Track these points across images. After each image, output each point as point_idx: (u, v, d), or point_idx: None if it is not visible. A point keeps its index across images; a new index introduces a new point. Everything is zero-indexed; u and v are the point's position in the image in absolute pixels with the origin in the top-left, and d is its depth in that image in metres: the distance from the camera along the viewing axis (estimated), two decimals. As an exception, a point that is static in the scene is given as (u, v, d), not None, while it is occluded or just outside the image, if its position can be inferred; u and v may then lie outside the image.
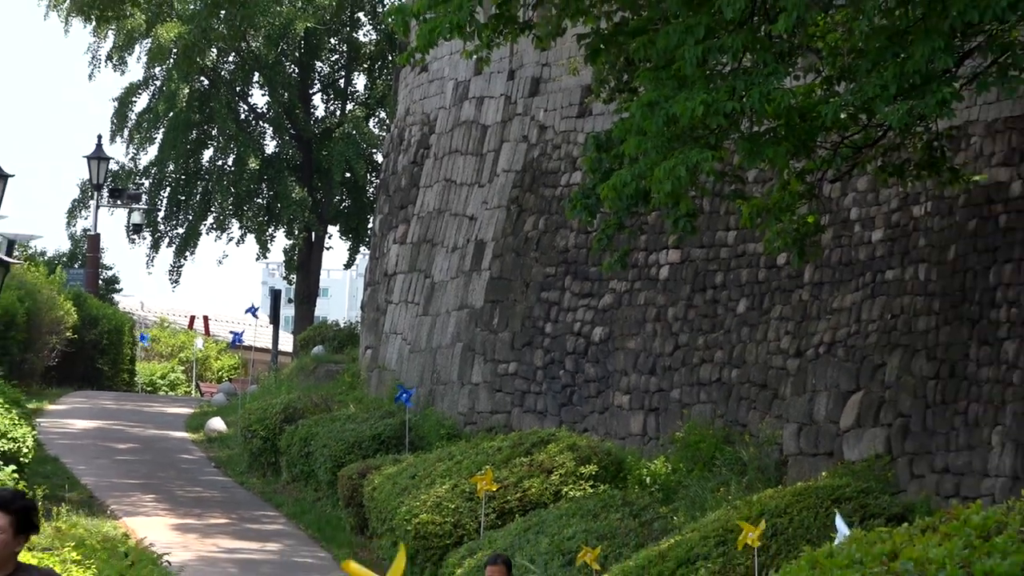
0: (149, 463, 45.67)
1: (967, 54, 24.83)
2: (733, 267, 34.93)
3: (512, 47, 32.83)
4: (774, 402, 32.83)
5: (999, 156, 29.16)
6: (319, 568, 35.09)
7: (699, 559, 25.10)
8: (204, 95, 71.41)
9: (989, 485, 27.14)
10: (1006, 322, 28.22)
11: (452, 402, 41.53)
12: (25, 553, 24.27)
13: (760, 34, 25.30)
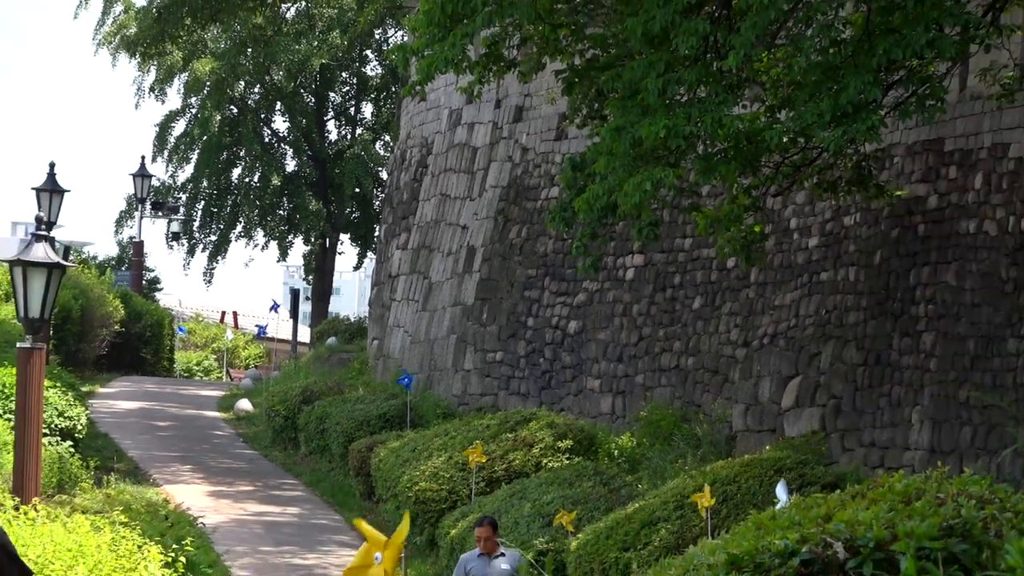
0: (186, 438, 45.65)
1: (891, 86, 24.85)
2: (689, 269, 34.96)
3: (499, 81, 32.82)
4: (724, 386, 32.86)
5: (918, 174, 29.22)
6: (333, 529, 35.08)
7: (660, 521, 25.12)
8: (233, 121, 71.29)
9: (909, 457, 27.20)
10: (924, 317, 28.29)
11: (447, 386, 41.52)
12: (79, 516, 24.34)
13: (712, 69, 25.31)
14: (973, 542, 10.75)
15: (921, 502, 11.52)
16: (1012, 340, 26.22)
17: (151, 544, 22.84)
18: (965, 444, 26.50)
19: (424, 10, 26.74)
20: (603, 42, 27.96)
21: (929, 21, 24.08)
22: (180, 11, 52.10)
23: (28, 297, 26.59)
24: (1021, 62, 27.38)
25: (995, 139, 27.78)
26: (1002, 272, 26.80)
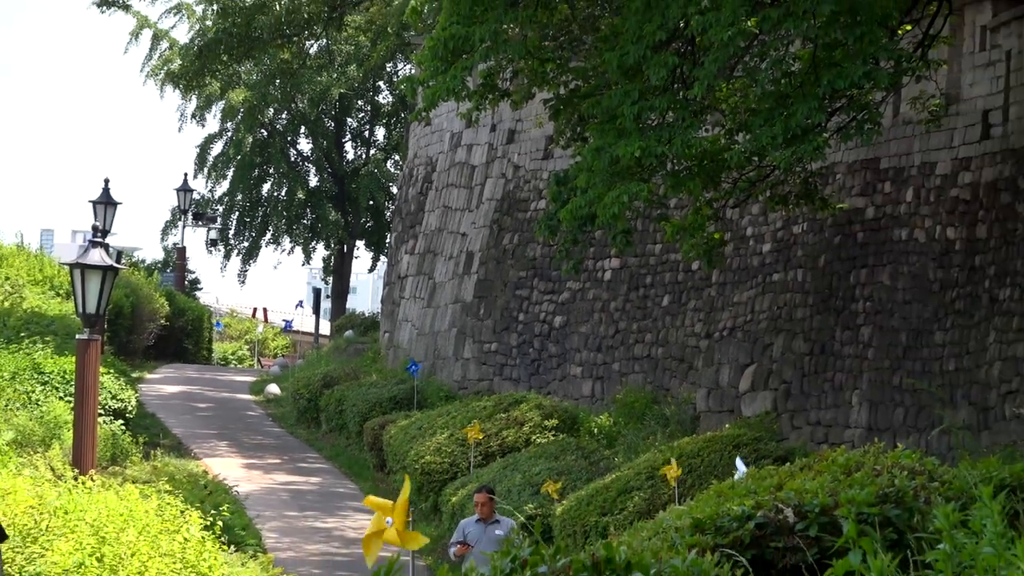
0: (222, 418, 45.61)
1: (834, 112, 24.84)
2: (659, 271, 34.95)
3: (494, 108, 32.83)
4: (689, 372, 32.87)
5: (857, 188, 29.20)
6: (349, 496, 35.04)
7: (633, 489, 25.11)
8: (263, 143, 71.21)
9: (850, 435, 27.20)
10: (862, 312, 28.29)
11: (449, 372, 41.49)
12: (129, 486, 24.32)
13: (679, 97, 25.28)
14: (905, 508, 10.75)
15: (860, 473, 11.52)
16: (939, 333, 26.23)
17: (192, 509, 22.82)
18: (898, 423, 26.50)
19: (429, 47, 26.74)
20: (584, 74, 27.96)
21: (867, 56, 24.08)
22: (218, 48, 52.10)
23: (86, 295, 26.62)
24: (946, 92, 27.37)
25: (924, 158, 27.78)
26: (930, 274, 26.80)
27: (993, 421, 24.27)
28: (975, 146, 26.62)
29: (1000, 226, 25.45)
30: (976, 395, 24.87)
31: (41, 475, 24.64)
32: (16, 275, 47.33)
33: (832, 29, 24.36)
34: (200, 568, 20.50)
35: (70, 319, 39.94)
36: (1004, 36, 26.34)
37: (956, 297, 26.05)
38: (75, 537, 19.61)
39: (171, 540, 20.67)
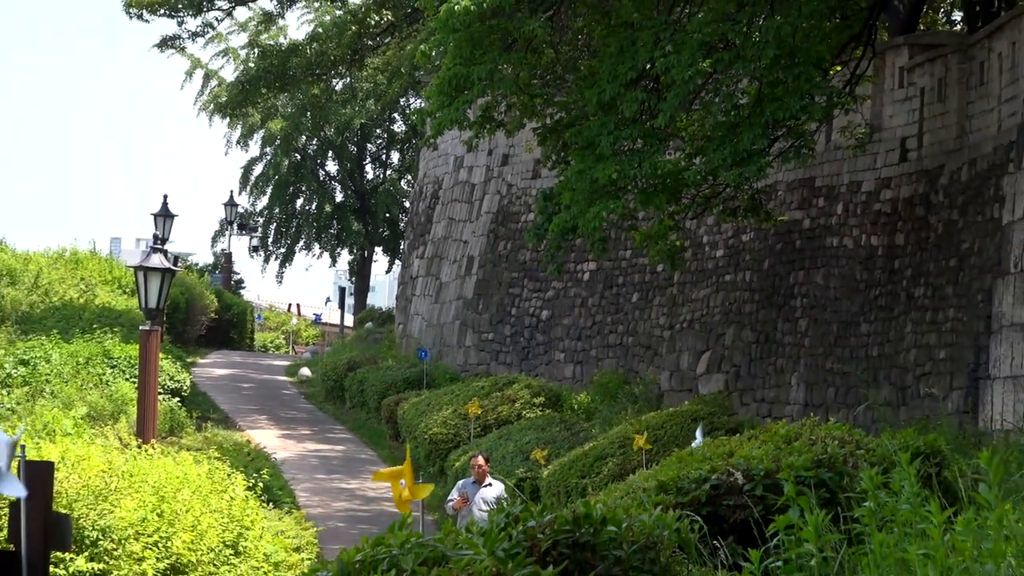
0: (262, 396, 45.58)
1: (775, 139, 24.84)
2: (629, 273, 34.95)
3: (491, 136, 32.84)
4: (655, 357, 32.87)
5: (795, 203, 29.21)
6: (369, 461, 35.01)
7: (607, 456, 25.09)
8: (297, 165, 71.21)
9: (789, 410, 27.20)
10: (799, 307, 28.31)
11: (453, 358, 41.46)
12: (184, 453, 24.32)
13: (647, 127, 25.29)
14: (836, 472, 10.74)
15: (798, 443, 11.51)
16: (864, 325, 26.24)
17: (237, 473, 22.81)
18: (830, 400, 26.50)
19: (436, 84, 26.72)
20: (567, 107, 27.93)
21: (803, 92, 24.09)
22: (258, 85, 52.07)
23: (148, 293, 26.59)
24: (870, 122, 27.38)
25: (851, 178, 27.79)
26: (856, 275, 26.81)
27: (909, 399, 24.28)
28: (894, 168, 26.63)
29: (915, 235, 25.47)
30: (895, 377, 24.88)
31: (110, 444, 24.63)
32: (90, 276, 47.32)
33: (774, 70, 24.38)
34: (244, 522, 20.50)
35: (135, 313, 39.92)
36: (918, 76, 26.35)
37: (878, 295, 26.07)
38: (139, 496, 19.60)
39: (220, 499, 20.66)
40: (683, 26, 25.83)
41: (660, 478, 11.17)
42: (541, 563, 6.22)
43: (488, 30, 25.96)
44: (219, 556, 19.63)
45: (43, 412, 30.04)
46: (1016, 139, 22.19)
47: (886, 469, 9.42)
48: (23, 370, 33.98)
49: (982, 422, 21.52)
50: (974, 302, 22.93)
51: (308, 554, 22.35)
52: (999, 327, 21.77)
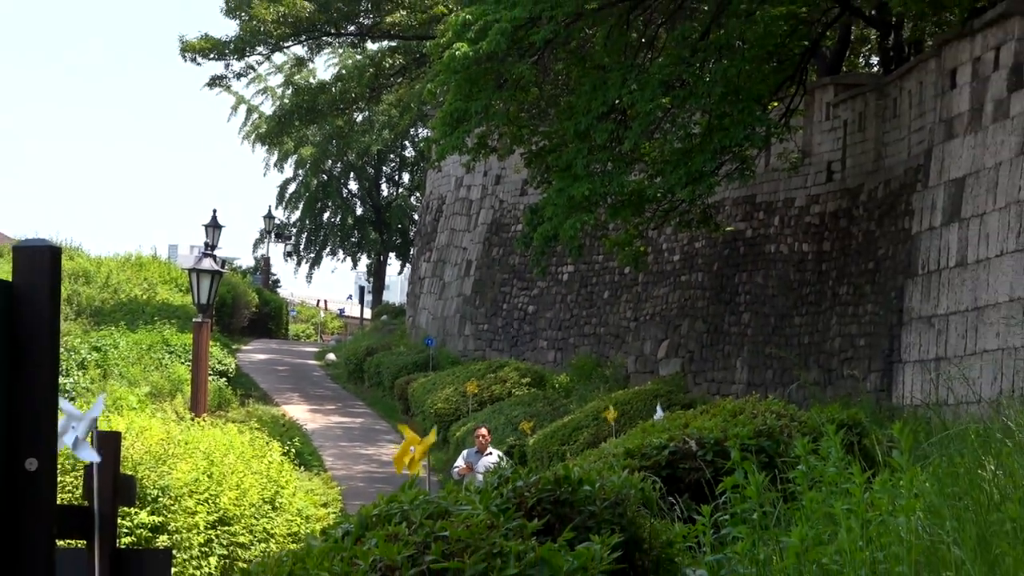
0: (294, 376, 45.60)
1: (723, 163, 24.89)
2: (601, 274, 34.97)
3: (485, 159, 32.86)
4: (622, 345, 32.89)
5: (739, 216, 29.23)
6: (384, 431, 35.03)
7: (583, 427, 25.10)
8: (324, 184, 71.23)
9: (735, 388, 27.21)
10: (743, 303, 28.33)
11: (454, 345, 41.48)
12: (230, 424, 24.32)
13: (616, 152, 25.31)
14: (774, 440, 10.75)
15: (742, 416, 11.51)
16: (796, 317, 26.26)
17: (274, 441, 22.82)
18: (769, 380, 26.53)
19: (440, 117, 26.74)
20: (549, 136, 27.98)
21: (746, 124, 24.11)
22: (292, 118, 52.11)
23: (199, 291, 26.57)
24: (802, 148, 27.40)
25: (786, 195, 27.81)
26: (790, 276, 26.84)
27: (834, 379, 24.31)
28: (822, 186, 26.66)
29: (839, 243, 25.50)
30: (822, 361, 24.90)
31: (168, 417, 24.61)
32: (151, 277, 47.31)
33: (722, 105, 24.40)
34: (280, 482, 20.50)
35: (189, 308, 39.90)
36: (842, 110, 26.39)
37: (809, 292, 26.10)
38: (192, 460, 19.58)
39: (259, 462, 20.66)
40: (646, 68, 25.84)
41: (627, 446, 11.16)
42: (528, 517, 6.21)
43: (483, 72, 25.98)
44: (259, 510, 19.63)
45: (112, 390, 30.06)
46: (923, 163, 22.23)
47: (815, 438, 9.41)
48: (96, 355, 34.00)
49: (895, 399, 21.55)
50: (888, 299, 22.97)
51: (333, 509, 22.35)
52: (909, 319, 21.80)
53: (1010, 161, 19.31)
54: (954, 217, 20.73)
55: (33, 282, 6.28)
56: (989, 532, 4.95)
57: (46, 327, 6.22)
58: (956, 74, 21.34)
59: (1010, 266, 18.84)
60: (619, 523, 6.57)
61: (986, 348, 19.09)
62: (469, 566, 4.88)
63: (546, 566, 4.90)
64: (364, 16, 47.87)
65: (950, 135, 21.30)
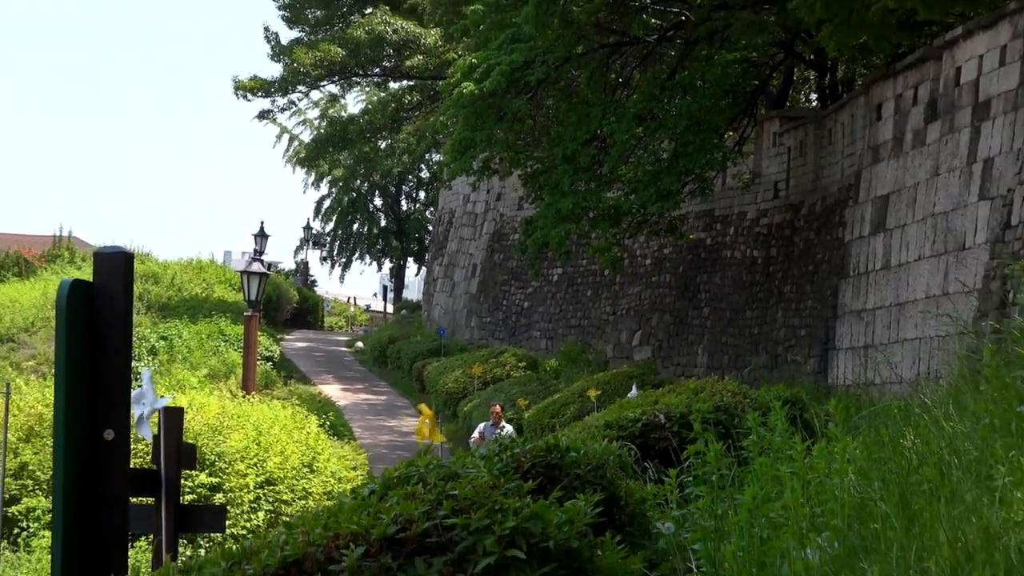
0: (329, 361, 45.55)
1: (687, 183, 24.89)
2: (585, 275, 34.94)
3: (488, 179, 32.93)
4: (603, 334, 32.87)
5: (700, 227, 29.21)
6: (404, 407, 34.98)
7: (569, 403, 25.07)
8: (354, 200, 71.09)
9: (696, 371, 27.20)
10: (704, 300, 28.31)
11: (462, 335, 41.47)
12: (275, 401, 24.33)
13: (597, 173, 25.31)
14: (730, 414, 10.74)
15: (703, 394, 11.49)
16: (748, 312, 26.25)
17: (311, 415, 22.81)
18: (725, 364, 26.52)
19: (450, 144, 26.80)
20: (541, 160, 27.99)
21: (706, 150, 24.14)
22: (326, 145, 52.19)
23: (249, 289, 26.55)
24: (753, 171, 27.41)
25: (739, 209, 27.81)
26: (743, 277, 26.83)
27: (780, 364, 24.31)
28: (770, 202, 26.66)
29: (784, 249, 25.49)
30: (770, 348, 24.91)
31: (223, 395, 24.61)
32: (209, 278, 47.29)
33: (686, 134, 24.43)
34: (316, 449, 20.49)
35: (241, 304, 39.87)
36: (786, 138, 26.38)
37: (758, 291, 26.09)
38: (243, 431, 19.59)
39: (299, 433, 20.67)
40: (622, 103, 25.87)
41: (607, 419, 11.15)
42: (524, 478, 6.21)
43: (486, 107, 26.00)
44: (299, 472, 19.63)
45: (177, 372, 30.06)
46: (854, 182, 22.23)
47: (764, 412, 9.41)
48: (163, 343, 34.00)
49: (830, 380, 21.57)
50: (825, 296, 22.97)
51: (361, 472, 22.36)
52: (842, 313, 21.80)
53: (926, 181, 19.32)
54: (880, 228, 20.75)
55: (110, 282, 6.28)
56: (909, 491, 4.95)
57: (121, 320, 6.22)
58: (881, 108, 21.35)
59: (926, 269, 18.86)
60: (600, 484, 6.57)
61: (906, 337, 19.11)
62: (475, 520, 4.88)
63: (539, 519, 4.90)
64: (387, 60, 47.88)
65: (876, 159, 21.31)
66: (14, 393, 20.10)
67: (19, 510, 17.90)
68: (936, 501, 4.66)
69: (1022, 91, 17.03)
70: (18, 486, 18.16)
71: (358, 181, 71.21)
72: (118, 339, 6.17)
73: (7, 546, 17.31)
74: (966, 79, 18.50)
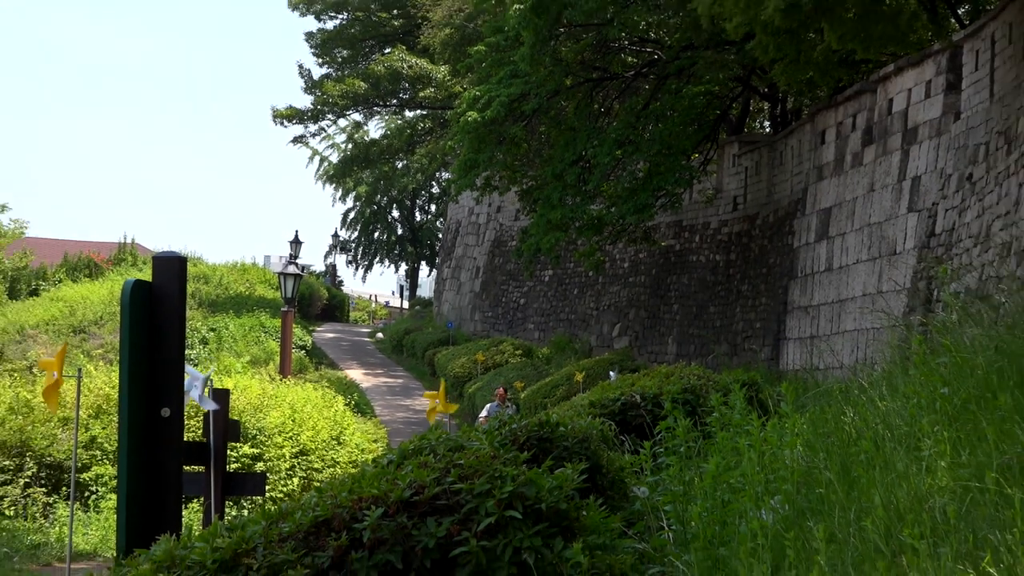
0: (354, 349, 45.46)
1: (659, 197, 24.88)
2: (573, 276, 34.89)
3: (490, 194, 32.96)
4: (587, 327, 32.82)
5: (671, 235, 29.17)
6: (417, 388, 34.85)
7: (559, 385, 25.01)
8: (375, 212, 70.96)
9: (667, 358, 27.16)
10: (674, 298, 28.27)
11: (467, 327, 41.41)
12: (308, 384, 24.30)
13: (582, 189, 25.29)
14: (696, 395, 10.72)
15: (673, 377, 11.47)
16: (711, 307, 26.22)
17: (339, 395, 22.78)
18: (692, 352, 26.50)
19: (457, 164, 26.75)
20: (535, 178, 27.96)
21: (676, 170, 24.11)
22: (351, 165, 52.13)
23: (285, 288, 26.51)
24: (716, 187, 27.39)
25: (704, 220, 27.78)
26: (707, 278, 26.80)
27: (738, 352, 24.30)
28: (730, 214, 26.64)
29: (742, 254, 25.48)
30: (730, 339, 24.90)
31: (263, 378, 24.57)
32: (251, 278, 47.21)
33: (658, 156, 24.42)
34: (343, 424, 20.46)
35: (278, 300, 39.89)
36: (744, 160, 26.37)
37: (720, 290, 26.07)
38: (280, 409, 19.56)
39: (328, 410, 20.64)
40: (604, 130, 25.84)
41: (591, 399, 11.15)
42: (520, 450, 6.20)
43: (488, 132, 25.97)
44: (328, 444, 19.61)
45: (224, 359, 30.00)
46: (801, 197, 22.23)
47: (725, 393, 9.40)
48: (212, 334, 33.95)
49: (782, 365, 21.56)
50: (777, 294, 22.96)
51: (381, 444, 22.34)
52: (791, 309, 21.80)
53: (863, 196, 19.33)
54: (823, 236, 20.75)
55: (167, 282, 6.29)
56: (849, 461, 4.95)
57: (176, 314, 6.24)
58: (825, 134, 21.35)
59: (863, 271, 18.86)
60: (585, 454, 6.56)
61: (846, 329, 19.11)
62: (477, 486, 4.88)
63: (533, 485, 4.89)
64: (403, 92, 47.85)
65: (820, 177, 21.32)
66: (85, 377, 20.08)
67: (89, 476, 17.91)
68: (872, 469, 4.66)
69: (944, 119, 17.06)
70: (88, 456, 18.17)
71: (379, 196, 71.11)
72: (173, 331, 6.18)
73: (79, 507, 17.32)
74: (897, 109, 18.53)
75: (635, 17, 25.80)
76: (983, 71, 15.79)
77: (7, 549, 15.17)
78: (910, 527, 3.50)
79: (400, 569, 4.62)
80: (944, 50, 17.16)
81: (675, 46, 25.02)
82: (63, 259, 47.08)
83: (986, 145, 15.34)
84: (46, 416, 18.25)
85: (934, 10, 19.14)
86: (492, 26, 26.46)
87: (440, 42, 37.86)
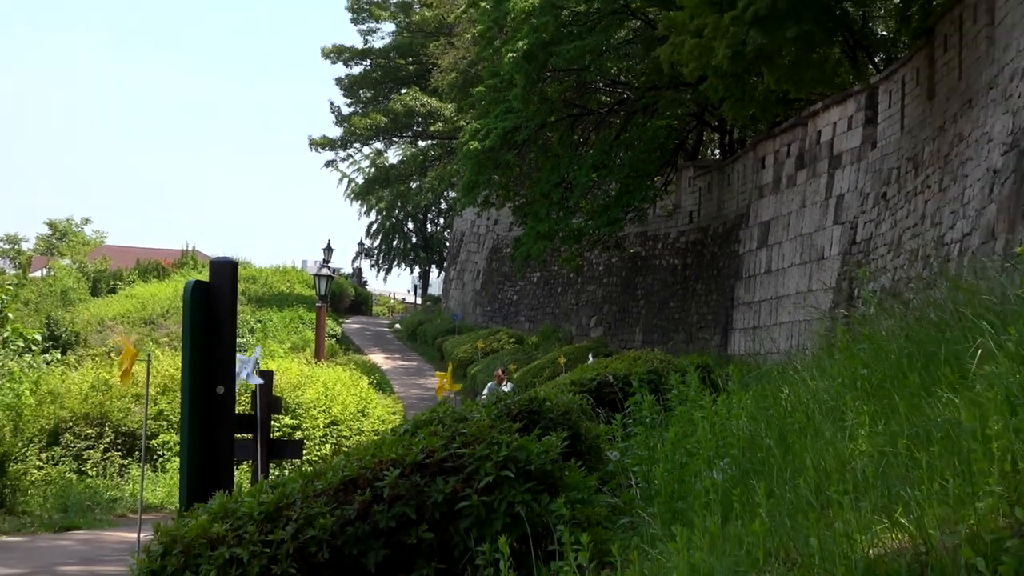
0: (375, 337, 45.37)
1: (628, 212, 24.85)
2: (557, 277, 34.82)
3: (488, 210, 32.86)
4: (569, 319, 32.74)
5: (638, 243, 29.10)
6: (429, 370, 34.72)
7: (545, 368, 24.84)
8: (394, 224, 70.82)
9: (635, 345, 27.09)
10: (640, 295, 28.21)
11: (470, 319, 41.27)
12: (338, 366, 24.22)
13: (565, 205, 25.23)
14: (659, 375, 10.72)
15: (639, 361, 11.45)
16: (672, 303, 26.18)
17: (363, 376, 22.73)
18: (655, 340, 26.46)
19: (461, 185, 26.69)
20: (526, 196, 27.89)
21: (642, 190, 24.07)
22: (374, 185, 52.00)
23: (319, 287, 26.43)
24: (675, 204, 27.35)
25: (665, 231, 27.74)
26: (668, 279, 26.76)
27: (694, 340, 24.27)
28: (687, 226, 26.62)
29: (697, 259, 25.46)
30: (686, 329, 24.88)
31: (301, 361, 24.51)
32: (291, 279, 47.23)
33: (627, 179, 24.38)
34: (367, 400, 20.43)
35: (313, 297, 39.85)
36: (698, 181, 26.34)
37: (679, 288, 26.05)
38: (315, 387, 19.53)
39: (355, 388, 20.60)
40: (583, 156, 25.81)
41: (572, 379, 11.13)
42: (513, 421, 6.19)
43: (487, 158, 25.93)
44: (355, 416, 19.58)
45: (268, 345, 29.90)
46: (745, 212, 22.23)
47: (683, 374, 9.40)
48: (259, 325, 33.87)
49: (730, 351, 21.56)
50: (725, 292, 22.96)
51: (398, 416, 22.31)
52: (737, 304, 21.81)
53: (796, 211, 19.35)
54: (763, 244, 20.76)
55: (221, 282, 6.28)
56: (785, 430, 4.95)
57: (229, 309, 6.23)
58: (765, 160, 21.36)
59: (795, 273, 18.88)
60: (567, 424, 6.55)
61: (782, 321, 19.13)
62: (478, 450, 4.87)
63: (524, 450, 4.89)
64: (416, 125, 47.90)
65: (761, 196, 21.32)
66: (154, 360, 20.03)
67: (157, 443, 17.89)
68: (804, 437, 4.66)
69: (863, 148, 17.09)
70: (156, 426, 18.14)
71: (396, 211, 70.84)
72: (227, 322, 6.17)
73: (149, 468, 17.30)
74: (824, 139, 18.56)
75: (608, 64, 25.85)
76: (895, 108, 15.83)
77: (90, 502, 15.21)
78: (836, 485, 3.50)
79: (414, 519, 4.62)
80: (863, 91, 17.20)
81: (641, 87, 25.04)
82: (136, 263, 47.06)
83: (897, 169, 15.39)
84: (122, 392, 18.22)
85: (855, 58, 19.19)
86: (490, 71, 26.42)
87: (447, 84, 37.85)
